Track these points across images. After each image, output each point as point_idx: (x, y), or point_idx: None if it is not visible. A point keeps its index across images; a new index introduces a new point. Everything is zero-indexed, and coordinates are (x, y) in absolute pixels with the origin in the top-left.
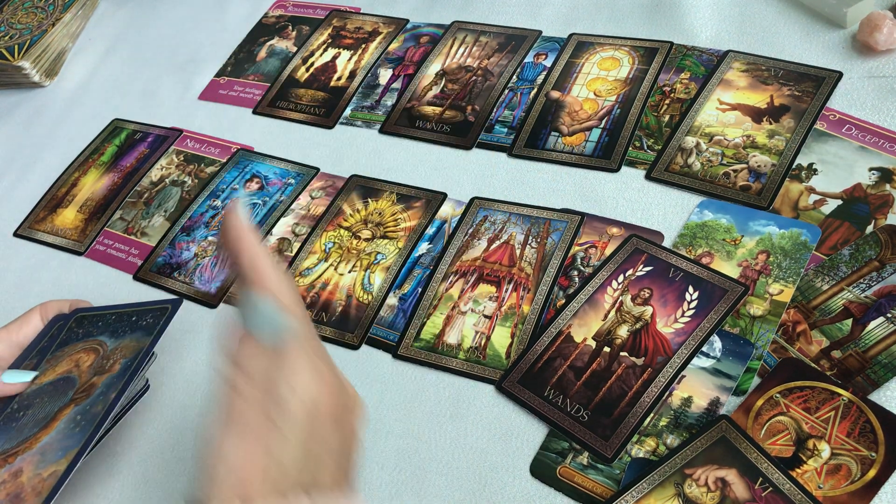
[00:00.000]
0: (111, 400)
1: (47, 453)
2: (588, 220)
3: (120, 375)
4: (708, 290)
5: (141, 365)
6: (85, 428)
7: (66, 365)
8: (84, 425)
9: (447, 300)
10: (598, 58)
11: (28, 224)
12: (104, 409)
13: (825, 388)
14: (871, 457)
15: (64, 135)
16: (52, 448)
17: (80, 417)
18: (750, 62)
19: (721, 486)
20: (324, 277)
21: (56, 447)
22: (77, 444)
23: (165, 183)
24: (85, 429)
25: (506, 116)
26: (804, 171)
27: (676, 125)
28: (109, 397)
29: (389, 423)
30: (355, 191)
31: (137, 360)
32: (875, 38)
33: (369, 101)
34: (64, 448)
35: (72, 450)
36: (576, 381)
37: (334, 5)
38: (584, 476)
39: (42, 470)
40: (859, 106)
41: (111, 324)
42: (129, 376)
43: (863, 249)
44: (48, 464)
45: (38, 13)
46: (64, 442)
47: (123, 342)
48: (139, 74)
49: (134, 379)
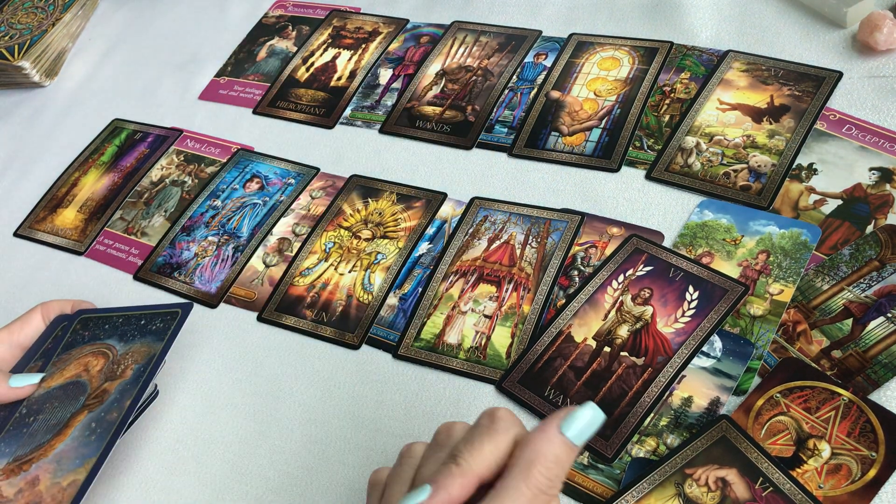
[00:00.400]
0: (126, 407)
1: (63, 461)
2: (588, 220)
3: (133, 382)
4: (708, 289)
5: (154, 371)
6: (102, 436)
7: (75, 369)
8: (100, 433)
9: (447, 300)
10: (598, 58)
11: (28, 224)
12: (120, 417)
13: (825, 387)
14: (871, 457)
15: (64, 135)
16: (69, 456)
17: (96, 425)
18: (750, 62)
19: (721, 485)
20: (324, 277)
21: (72, 455)
22: (95, 453)
23: (165, 183)
24: (102, 437)
25: (506, 116)
26: (804, 171)
27: (676, 125)
28: (124, 405)
29: (389, 423)
30: (355, 191)
31: (151, 365)
32: (875, 38)
33: (369, 101)
34: (81, 456)
35: (90, 458)
36: (576, 381)
37: (334, 5)
38: (584, 476)
39: (60, 479)
40: (859, 106)
41: (118, 327)
42: (143, 383)
43: (863, 249)
44: (66, 472)
45: (38, 13)
46: (80, 450)
47: (133, 347)
48: (139, 74)
49: (147, 386)
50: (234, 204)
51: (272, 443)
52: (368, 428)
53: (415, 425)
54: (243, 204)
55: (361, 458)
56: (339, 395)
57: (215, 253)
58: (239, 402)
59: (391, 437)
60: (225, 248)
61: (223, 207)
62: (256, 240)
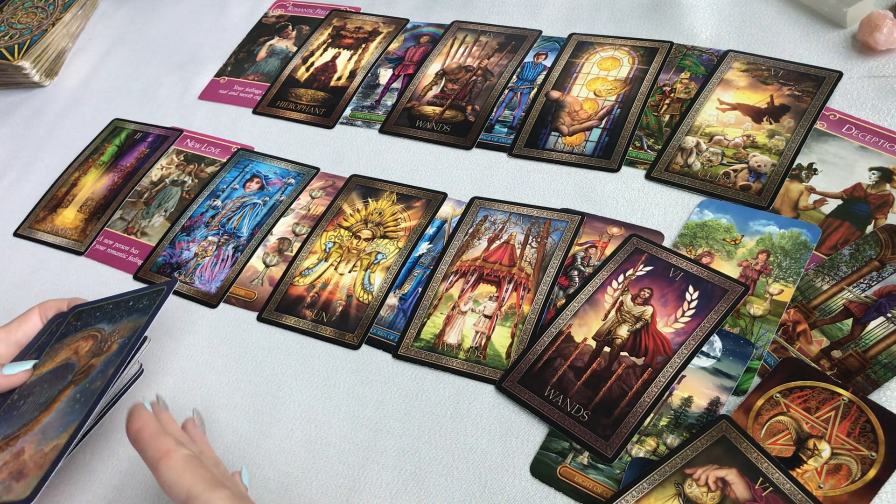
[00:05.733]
0: (109, 375)
1: (48, 431)
2: (588, 220)
3: (118, 353)
4: (708, 289)
5: (139, 341)
6: (85, 403)
7: (66, 353)
8: (84, 401)
9: (447, 300)
10: (598, 58)
11: (28, 224)
12: (104, 384)
13: (825, 387)
14: (871, 456)
15: (64, 135)
16: (53, 426)
17: (80, 395)
18: (750, 62)
19: (721, 485)
20: (324, 277)
21: (56, 425)
22: (77, 418)
23: (165, 183)
24: (85, 404)
25: (506, 116)
26: (804, 170)
27: (676, 125)
28: (108, 373)
29: (389, 423)
30: (355, 191)
31: (134, 337)
32: (875, 37)
33: (369, 101)
34: (65, 424)
35: (72, 423)
36: (576, 381)
37: (334, 5)
38: (584, 476)
39: (44, 446)
40: (859, 106)
41: (109, 312)
42: (127, 353)
43: (863, 249)
44: (49, 440)
45: (38, 13)
46: (65, 419)
47: (120, 325)
48: (139, 74)
49: (131, 354)
50: (234, 204)
51: (272, 443)
52: (368, 428)
53: (415, 425)
54: (243, 204)
55: (361, 457)
56: (339, 395)
57: (215, 253)
58: (239, 402)
59: (391, 437)
60: (225, 248)
61: (223, 207)
62: (256, 240)
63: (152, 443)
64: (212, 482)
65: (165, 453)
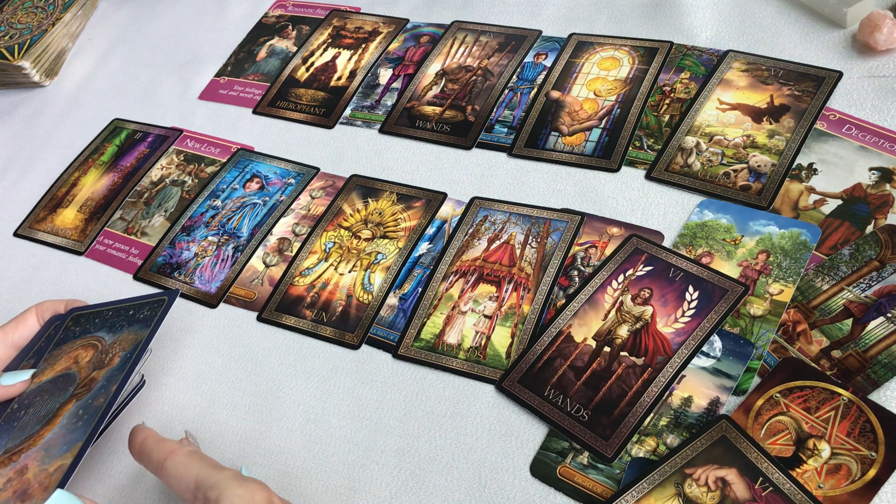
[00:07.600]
0: (112, 392)
1: (52, 448)
2: (588, 220)
3: (119, 368)
4: (708, 289)
5: (141, 356)
6: (88, 421)
7: (66, 362)
8: (87, 419)
9: (447, 300)
10: (598, 58)
11: (28, 224)
12: (106, 402)
13: (825, 387)
14: (871, 456)
15: (64, 135)
16: (57, 443)
17: (83, 412)
18: (750, 62)
19: (721, 485)
20: (324, 277)
21: (60, 442)
22: (81, 438)
23: (165, 183)
24: (88, 422)
25: (506, 116)
26: (804, 170)
27: (676, 125)
28: (111, 390)
29: (389, 423)
30: (355, 191)
31: (137, 351)
32: (875, 37)
33: (369, 101)
34: (69, 442)
35: (76, 443)
36: (576, 381)
37: (334, 5)
38: (584, 476)
39: (48, 465)
40: (859, 106)
41: (108, 319)
42: (129, 368)
43: (863, 249)
44: (53, 459)
45: (38, 13)
46: (68, 437)
47: (121, 336)
48: (139, 74)
49: (134, 371)
50: (234, 204)
51: (272, 443)
52: (368, 428)
53: (415, 425)
54: (243, 204)
55: (361, 457)
56: (339, 395)
57: (215, 253)
58: (239, 402)
59: (391, 437)
60: (225, 248)
61: (223, 207)
62: (256, 240)
63: (156, 447)
64: (217, 466)
65: (170, 452)
